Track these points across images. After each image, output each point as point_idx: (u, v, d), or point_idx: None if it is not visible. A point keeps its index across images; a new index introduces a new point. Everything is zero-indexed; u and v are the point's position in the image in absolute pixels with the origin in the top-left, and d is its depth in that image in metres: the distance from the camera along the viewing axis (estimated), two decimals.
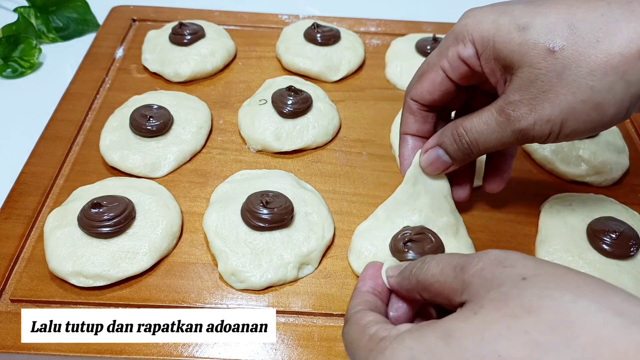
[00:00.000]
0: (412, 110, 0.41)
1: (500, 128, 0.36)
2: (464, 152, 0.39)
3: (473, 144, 0.38)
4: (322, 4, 0.81)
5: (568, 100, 0.33)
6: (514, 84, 0.34)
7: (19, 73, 0.67)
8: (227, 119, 0.59)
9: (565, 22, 0.32)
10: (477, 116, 0.37)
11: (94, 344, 0.40)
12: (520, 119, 0.35)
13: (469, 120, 0.38)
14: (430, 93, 0.39)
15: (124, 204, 0.45)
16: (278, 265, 0.44)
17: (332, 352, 0.40)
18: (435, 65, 0.38)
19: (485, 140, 0.37)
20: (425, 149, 0.41)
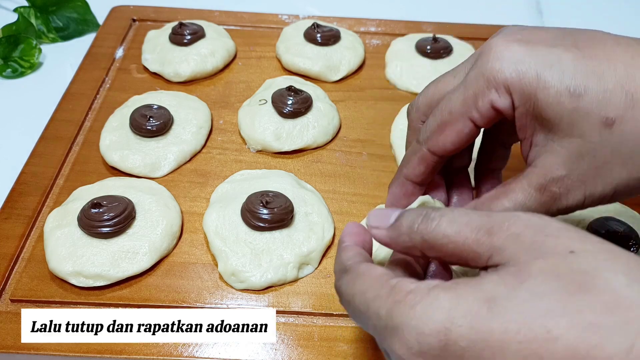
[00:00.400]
0: (426, 160, 0.35)
1: (544, 208, 0.31)
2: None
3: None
4: (322, 4, 0.81)
5: (622, 177, 0.30)
6: (557, 155, 0.30)
7: (19, 73, 0.67)
8: (227, 119, 0.59)
9: (624, 89, 0.28)
10: (508, 198, 0.32)
11: (94, 344, 0.40)
12: (568, 195, 0.30)
13: (499, 205, 0.32)
14: (455, 145, 0.33)
15: (124, 204, 0.45)
16: (278, 265, 0.44)
17: (332, 352, 0.40)
18: (461, 116, 0.32)
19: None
20: None
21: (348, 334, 0.41)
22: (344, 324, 0.42)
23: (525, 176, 0.31)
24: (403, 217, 0.28)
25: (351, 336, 0.41)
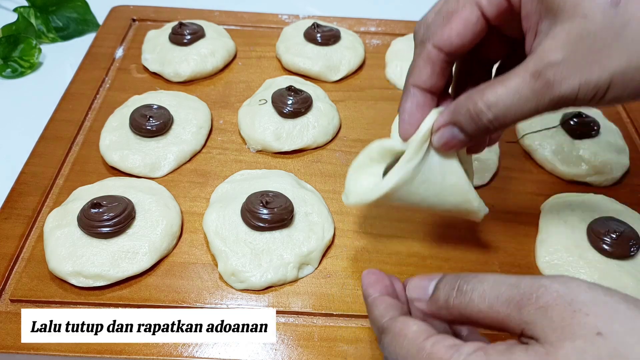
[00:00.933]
0: (432, 59, 0.33)
1: (536, 96, 0.29)
2: (485, 130, 0.32)
3: (498, 120, 0.31)
4: (322, 4, 0.81)
5: (621, 64, 0.28)
6: (556, 39, 0.29)
7: (19, 73, 0.67)
8: (227, 119, 0.59)
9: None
10: (502, 84, 0.30)
11: (94, 344, 0.40)
12: (562, 83, 0.29)
13: (491, 91, 0.31)
14: (461, 36, 0.32)
15: (123, 204, 0.45)
16: (278, 265, 0.44)
17: (332, 352, 0.40)
18: (469, 3, 0.31)
19: (514, 114, 0.31)
20: (437, 127, 0.34)
21: (348, 334, 0.41)
22: (344, 324, 0.42)
23: (523, 64, 0.30)
24: (439, 291, 0.29)
25: (351, 336, 0.41)
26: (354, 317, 0.42)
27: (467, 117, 0.32)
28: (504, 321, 0.26)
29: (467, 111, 0.32)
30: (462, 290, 0.28)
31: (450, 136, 0.34)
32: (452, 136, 0.34)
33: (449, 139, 0.34)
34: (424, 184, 0.35)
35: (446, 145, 0.34)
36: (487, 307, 0.26)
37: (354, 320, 0.42)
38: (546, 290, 0.25)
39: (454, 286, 0.28)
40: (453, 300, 0.28)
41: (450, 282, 0.29)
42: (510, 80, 0.30)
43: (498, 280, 0.27)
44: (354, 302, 0.43)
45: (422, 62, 0.34)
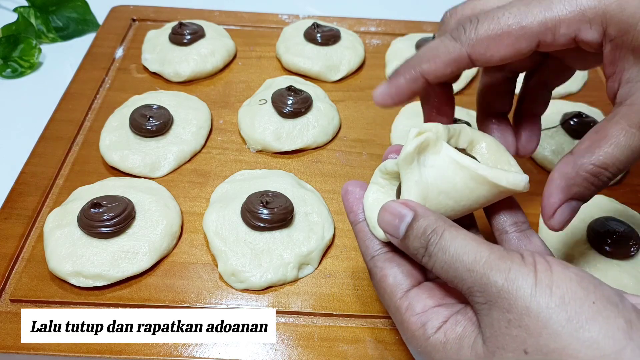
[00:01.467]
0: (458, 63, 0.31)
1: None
2: (602, 187, 0.32)
3: (616, 175, 0.31)
4: (322, 3, 0.81)
5: None
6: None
7: (19, 73, 0.67)
8: (227, 119, 0.59)
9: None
10: (609, 144, 0.29)
11: (94, 344, 0.40)
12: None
13: (602, 153, 0.30)
14: (503, 60, 0.30)
15: (123, 204, 0.45)
16: (278, 265, 0.44)
17: (332, 352, 0.40)
18: (532, 34, 0.29)
19: (629, 165, 0.30)
20: (552, 209, 0.33)
21: (348, 334, 0.41)
22: (344, 324, 0.42)
23: (623, 117, 0.29)
24: (409, 241, 0.30)
25: (351, 336, 0.41)
26: (354, 317, 0.43)
27: (586, 184, 0.31)
28: (460, 291, 0.28)
29: (585, 179, 0.31)
30: (429, 252, 0.29)
31: (569, 211, 0.32)
32: (571, 210, 0.32)
33: (569, 214, 0.32)
34: (441, 194, 0.32)
35: (568, 222, 0.33)
36: (447, 277, 0.28)
37: (354, 320, 0.42)
38: (490, 287, 0.26)
39: (424, 244, 0.29)
40: (421, 257, 0.29)
41: (420, 239, 0.29)
42: (617, 138, 0.29)
43: (459, 253, 0.27)
44: (354, 302, 0.43)
45: (448, 59, 0.31)
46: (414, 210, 0.30)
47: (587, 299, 0.24)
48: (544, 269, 0.25)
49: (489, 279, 0.26)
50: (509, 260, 0.26)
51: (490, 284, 0.26)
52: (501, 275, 0.25)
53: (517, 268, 0.26)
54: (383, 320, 0.42)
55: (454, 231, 0.28)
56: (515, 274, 0.25)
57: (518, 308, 0.25)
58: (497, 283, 0.25)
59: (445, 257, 0.28)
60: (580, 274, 0.26)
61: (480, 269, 0.26)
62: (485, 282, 0.26)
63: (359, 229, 0.34)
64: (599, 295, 0.25)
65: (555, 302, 0.24)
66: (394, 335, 0.41)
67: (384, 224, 0.31)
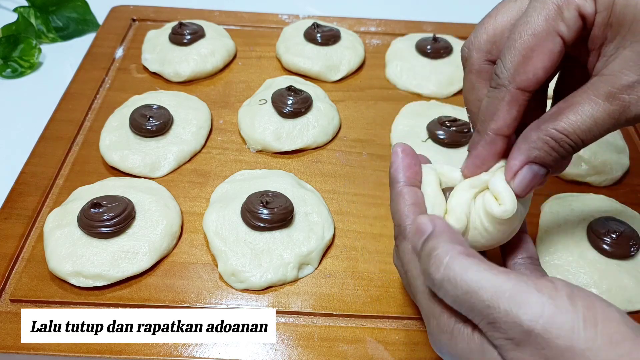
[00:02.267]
0: (518, 102, 0.31)
1: (613, 119, 0.29)
2: (565, 156, 0.31)
3: (577, 144, 0.30)
4: (322, 3, 0.81)
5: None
6: (626, 61, 0.28)
7: (19, 73, 0.67)
8: (227, 119, 0.59)
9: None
10: (574, 111, 0.29)
11: (94, 344, 0.40)
12: (638, 104, 0.29)
13: (564, 120, 0.30)
14: (547, 70, 0.30)
15: (123, 204, 0.45)
16: (278, 265, 0.44)
17: (332, 352, 0.40)
18: (548, 34, 0.29)
19: (592, 137, 0.30)
20: (512, 172, 0.32)
21: (348, 334, 0.41)
22: (344, 324, 0.42)
23: (591, 86, 0.29)
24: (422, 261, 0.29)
25: (351, 336, 0.41)
26: (354, 317, 0.43)
27: (545, 149, 0.31)
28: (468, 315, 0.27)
29: (545, 143, 0.31)
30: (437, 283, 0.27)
31: (531, 175, 0.32)
32: (533, 175, 0.32)
33: (531, 178, 0.32)
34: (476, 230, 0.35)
35: (529, 187, 0.32)
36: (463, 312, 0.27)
37: (354, 320, 0.42)
38: (519, 326, 0.24)
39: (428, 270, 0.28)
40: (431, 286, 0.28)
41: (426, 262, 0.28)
42: (582, 106, 0.29)
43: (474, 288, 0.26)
44: (354, 302, 0.43)
45: (506, 106, 0.31)
46: (433, 227, 0.29)
47: (637, 339, 0.23)
48: (586, 305, 0.24)
49: (519, 317, 0.24)
50: (538, 293, 0.24)
51: (521, 323, 0.24)
52: (533, 312, 0.24)
53: (551, 303, 0.24)
54: (383, 320, 0.42)
55: (463, 260, 0.26)
56: (550, 310, 0.24)
57: (559, 346, 0.23)
58: (530, 323, 0.24)
59: (457, 292, 0.26)
60: (621, 311, 0.25)
61: (504, 305, 0.25)
62: (513, 320, 0.24)
63: (403, 192, 0.33)
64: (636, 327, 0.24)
65: (603, 341, 0.23)
66: (394, 335, 0.41)
67: (411, 235, 0.31)
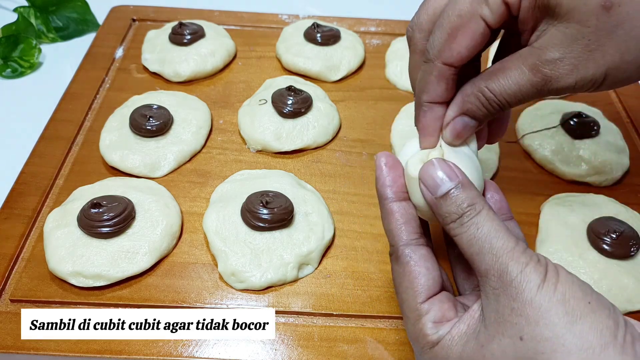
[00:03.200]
0: (444, 76, 0.34)
1: (536, 88, 0.32)
2: (493, 113, 0.34)
3: (503, 104, 0.33)
4: (322, 3, 0.81)
5: (615, 60, 0.30)
6: (552, 38, 0.31)
7: (19, 73, 0.67)
8: (227, 119, 0.59)
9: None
10: (504, 76, 0.32)
11: (94, 344, 0.40)
12: (559, 79, 0.31)
13: (495, 81, 0.32)
14: (469, 50, 0.33)
15: (123, 204, 0.45)
16: (278, 265, 0.44)
17: (332, 352, 0.40)
18: (472, 16, 0.32)
19: (517, 100, 0.33)
20: (447, 121, 0.35)
21: (348, 334, 0.41)
22: (344, 324, 0.42)
23: (521, 55, 0.32)
24: (442, 208, 0.31)
25: (351, 336, 0.41)
26: (354, 317, 0.43)
27: (476, 104, 0.34)
28: (473, 268, 0.30)
29: (477, 98, 0.34)
30: (462, 222, 0.30)
31: (462, 125, 0.35)
32: (463, 125, 0.35)
33: (462, 128, 0.35)
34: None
35: (459, 135, 0.35)
36: (469, 251, 0.30)
37: (354, 320, 0.42)
38: (506, 275, 0.28)
39: (460, 213, 0.30)
40: (449, 222, 0.31)
41: (458, 207, 0.30)
42: (510, 71, 0.32)
43: (491, 235, 0.29)
44: (354, 302, 0.43)
45: (435, 79, 0.34)
46: (461, 179, 0.31)
47: (584, 299, 0.27)
48: (553, 270, 0.28)
49: (508, 267, 0.28)
50: (528, 257, 0.28)
51: (507, 272, 0.28)
52: (518, 267, 0.27)
53: (532, 265, 0.28)
54: (383, 320, 0.42)
55: (491, 213, 0.30)
56: (529, 269, 0.27)
57: (524, 299, 0.27)
58: (513, 273, 0.27)
59: (477, 233, 0.29)
60: (582, 281, 0.28)
61: (503, 256, 0.28)
62: (504, 269, 0.28)
63: (393, 209, 0.34)
64: (595, 298, 0.27)
65: (556, 298, 0.26)
66: (394, 335, 0.41)
67: (425, 176, 0.32)
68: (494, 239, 0.29)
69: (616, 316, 0.27)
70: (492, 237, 0.29)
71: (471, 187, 0.31)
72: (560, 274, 0.27)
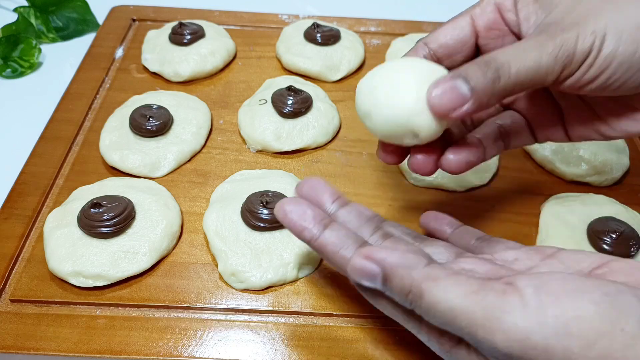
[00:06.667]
0: (417, 53, 0.36)
1: (539, 45, 0.30)
2: (492, 80, 0.29)
3: (504, 67, 0.29)
4: (322, 3, 0.81)
5: (614, 20, 0.30)
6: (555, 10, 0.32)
7: (19, 73, 0.67)
8: (227, 119, 0.59)
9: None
10: (517, 47, 0.31)
11: (94, 344, 0.40)
12: (562, 32, 0.30)
13: (499, 49, 0.31)
14: (445, 36, 0.35)
15: (123, 204, 0.45)
16: (278, 265, 0.44)
17: (332, 352, 0.40)
18: (464, 13, 0.36)
19: (519, 63, 0.29)
20: (437, 82, 0.30)
21: (348, 334, 0.41)
22: (344, 324, 0.42)
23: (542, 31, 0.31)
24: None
25: (351, 336, 0.41)
26: (354, 317, 0.43)
27: (474, 66, 0.30)
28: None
29: (475, 62, 0.30)
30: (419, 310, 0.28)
31: (451, 87, 0.30)
32: (453, 87, 0.29)
33: (449, 90, 0.30)
34: None
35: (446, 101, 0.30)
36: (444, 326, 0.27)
37: (354, 320, 0.42)
38: (473, 337, 0.25)
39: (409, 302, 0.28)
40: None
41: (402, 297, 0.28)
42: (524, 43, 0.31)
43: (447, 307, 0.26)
44: (354, 302, 0.43)
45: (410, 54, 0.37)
46: (382, 269, 0.28)
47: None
48: (556, 314, 0.24)
49: (496, 344, 0.25)
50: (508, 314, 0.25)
51: (499, 349, 0.25)
52: (507, 338, 0.24)
53: (523, 320, 0.24)
54: (383, 320, 0.42)
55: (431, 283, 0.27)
56: (523, 332, 0.24)
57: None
58: (508, 350, 0.24)
59: (441, 320, 0.26)
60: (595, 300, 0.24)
61: (480, 333, 0.25)
62: (491, 347, 0.25)
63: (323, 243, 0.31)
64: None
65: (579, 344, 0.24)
66: (394, 335, 0.41)
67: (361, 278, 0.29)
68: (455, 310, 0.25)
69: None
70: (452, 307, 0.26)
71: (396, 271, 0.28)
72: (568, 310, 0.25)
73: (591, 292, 0.24)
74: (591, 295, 0.24)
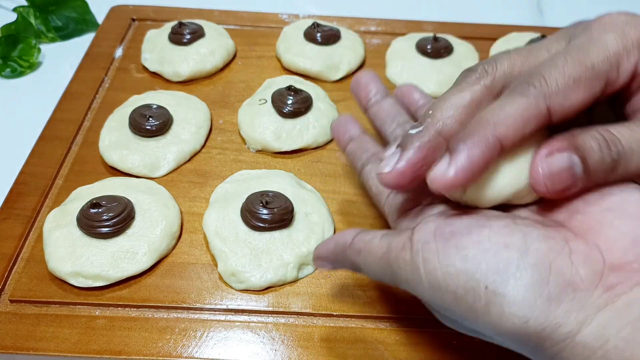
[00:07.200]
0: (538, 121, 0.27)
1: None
2: (608, 167, 0.26)
3: (623, 157, 0.26)
4: (322, 3, 0.81)
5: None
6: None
7: (18, 73, 0.67)
8: (226, 119, 0.58)
9: None
10: (629, 125, 0.27)
11: (94, 344, 0.40)
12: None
13: (620, 127, 0.26)
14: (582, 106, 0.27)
15: (123, 204, 0.45)
16: (278, 265, 0.44)
17: (332, 352, 0.40)
18: (601, 73, 0.27)
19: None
20: (550, 152, 0.26)
21: (348, 334, 0.41)
22: (344, 324, 0.42)
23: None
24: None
25: (351, 336, 0.41)
26: (354, 317, 0.42)
27: (595, 142, 0.26)
28: None
29: (595, 136, 0.26)
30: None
31: (566, 165, 0.25)
32: (568, 166, 0.25)
33: (563, 168, 0.26)
34: None
35: (556, 180, 0.26)
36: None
37: (354, 321, 0.42)
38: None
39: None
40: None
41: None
42: (635, 121, 0.27)
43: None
44: (354, 303, 0.43)
45: (530, 118, 0.27)
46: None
47: None
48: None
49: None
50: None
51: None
52: None
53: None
54: (383, 320, 0.42)
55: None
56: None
57: None
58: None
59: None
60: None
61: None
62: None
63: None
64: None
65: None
66: (394, 335, 0.41)
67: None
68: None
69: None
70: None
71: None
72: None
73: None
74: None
